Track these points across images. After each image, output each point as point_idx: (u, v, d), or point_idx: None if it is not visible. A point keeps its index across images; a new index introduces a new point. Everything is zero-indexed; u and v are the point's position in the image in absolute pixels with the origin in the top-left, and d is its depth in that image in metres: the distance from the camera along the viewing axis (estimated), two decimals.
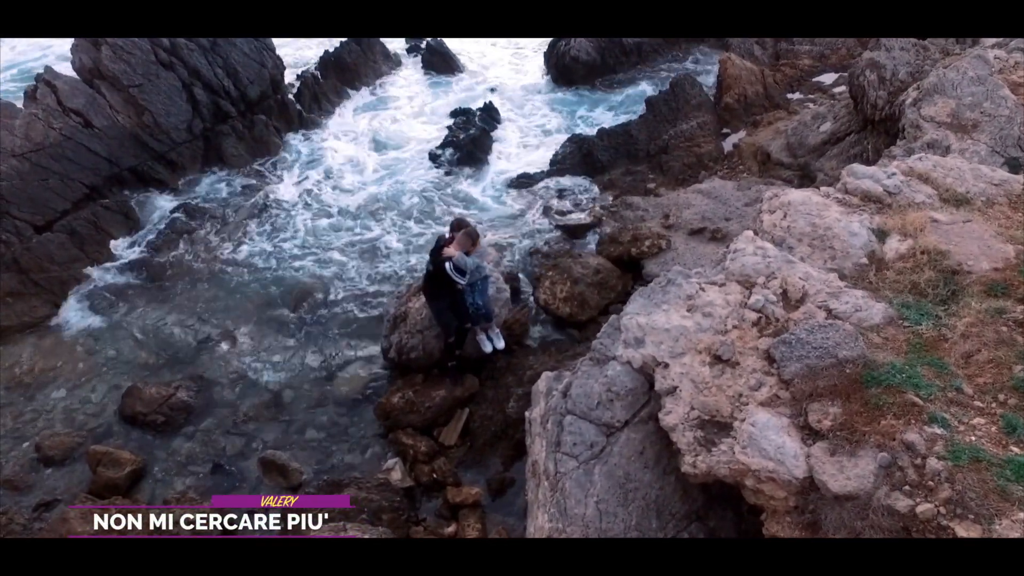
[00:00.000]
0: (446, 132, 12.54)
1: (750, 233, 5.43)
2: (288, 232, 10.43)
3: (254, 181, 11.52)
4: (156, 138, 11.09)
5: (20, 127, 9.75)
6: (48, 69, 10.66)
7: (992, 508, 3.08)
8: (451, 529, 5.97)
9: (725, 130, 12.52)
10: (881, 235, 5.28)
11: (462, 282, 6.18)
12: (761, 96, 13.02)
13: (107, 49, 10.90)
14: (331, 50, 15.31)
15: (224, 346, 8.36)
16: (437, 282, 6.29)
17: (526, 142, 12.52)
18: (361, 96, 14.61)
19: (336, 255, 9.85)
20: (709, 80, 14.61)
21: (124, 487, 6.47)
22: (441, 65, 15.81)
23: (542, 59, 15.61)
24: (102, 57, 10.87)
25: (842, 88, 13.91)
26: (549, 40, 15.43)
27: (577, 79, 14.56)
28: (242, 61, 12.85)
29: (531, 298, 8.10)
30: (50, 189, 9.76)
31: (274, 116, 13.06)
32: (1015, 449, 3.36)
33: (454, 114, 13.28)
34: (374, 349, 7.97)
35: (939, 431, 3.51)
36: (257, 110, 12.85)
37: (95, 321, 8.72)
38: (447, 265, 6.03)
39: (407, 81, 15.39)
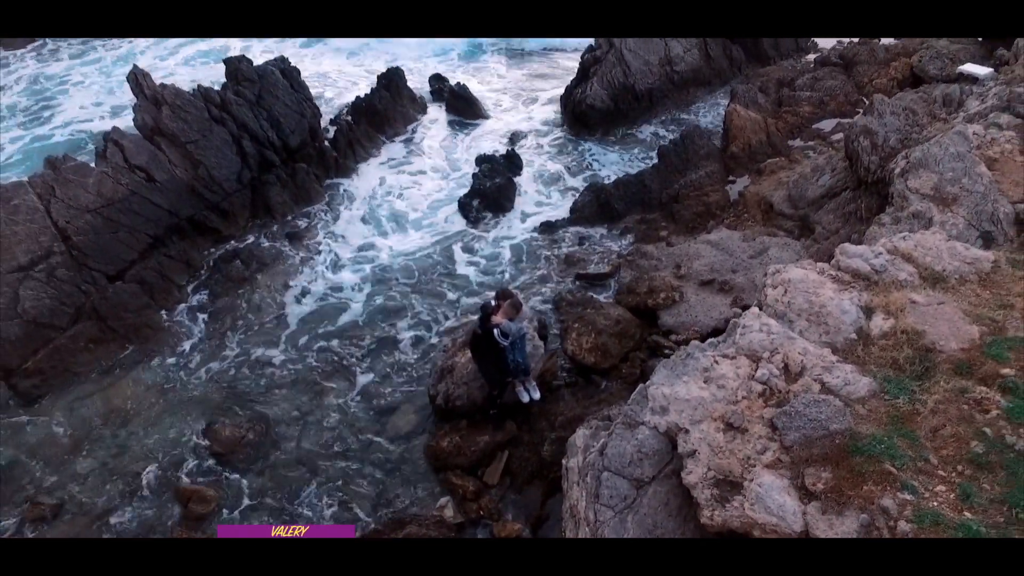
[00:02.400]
0: (472, 180, 13.48)
1: (756, 310, 6.29)
2: (334, 281, 11.34)
3: (300, 230, 12.46)
4: (210, 189, 12.06)
5: (93, 184, 10.72)
6: (115, 129, 11.66)
7: None
8: None
9: (731, 178, 13.41)
10: (868, 312, 6.13)
11: (506, 344, 7.08)
12: (764, 144, 13.90)
13: (167, 109, 11.91)
14: (362, 96, 16.34)
15: (283, 388, 9.26)
16: (484, 343, 7.19)
17: (547, 190, 13.43)
18: (393, 144, 15.56)
19: (379, 304, 10.75)
20: (717, 118, 15.53)
21: (208, 519, 7.38)
22: (464, 109, 16.76)
23: (557, 106, 16.57)
24: (162, 116, 11.87)
25: (839, 136, 14.80)
26: (564, 88, 16.41)
27: (592, 125, 15.47)
28: (284, 112, 13.84)
29: (559, 348, 8.99)
30: (120, 241, 10.72)
31: (313, 164, 14.01)
32: (968, 514, 4.20)
33: (479, 161, 14.20)
34: (420, 392, 8.86)
35: (908, 497, 4.35)
36: (298, 158, 13.81)
37: (166, 363, 9.64)
38: (495, 331, 6.93)
39: (433, 126, 16.34)
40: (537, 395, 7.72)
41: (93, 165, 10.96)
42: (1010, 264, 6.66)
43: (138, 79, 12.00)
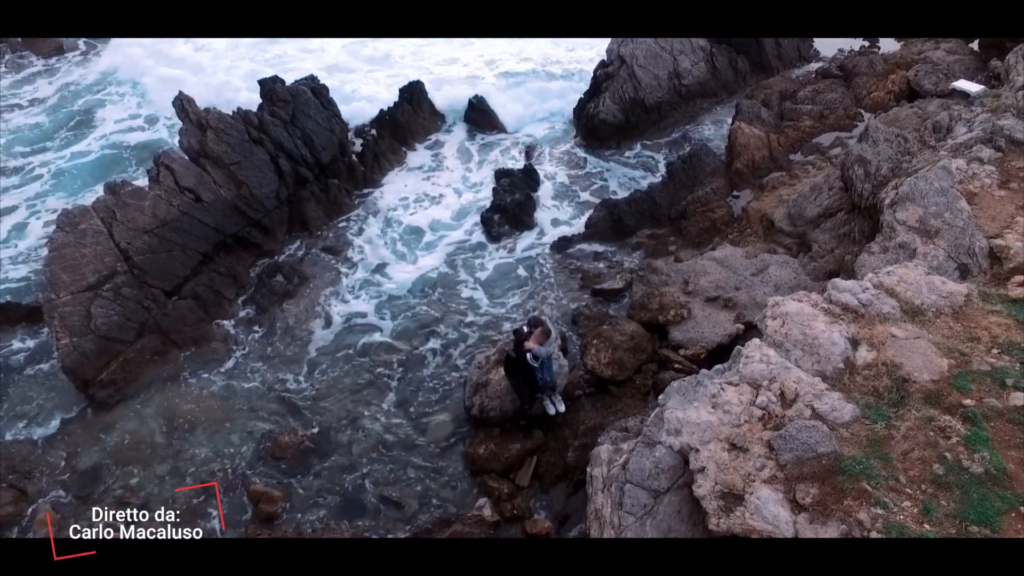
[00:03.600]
0: (493, 194, 14.28)
1: (757, 341, 7.17)
2: (369, 294, 12.23)
3: (334, 244, 13.33)
4: (252, 207, 12.90)
5: (148, 207, 11.58)
6: (165, 153, 12.49)
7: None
8: None
9: (735, 193, 14.19)
10: (855, 344, 7.00)
11: (536, 365, 8.00)
12: (767, 160, 14.66)
13: (211, 133, 12.71)
14: (385, 109, 17.07)
15: (329, 397, 10.21)
16: (517, 364, 8.11)
17: (563, 205, 14.23)
18: (416, 155, 16.35)
19: (410, 319, 11.63)
20: (723, 130, 16.22)
21: (277, 517, 8.39)
22: (482, 122, 17.49)
23: (570, 117, 17.28)
24: (207, 140, 12.69)
25: (837, 151, 15.55)
26: (576, 103, 17.12)
27: (604, 138, 16.21)
28: (315, 130, 14.61)
29: (580, 362, 9.91)
30: (174, 259, 11.61)
31: (343, 178, 14.82)
32: (927, 526, 5.12)
33: (499, 175, 14.98)
34: (456, 400, 9.80)
35: (880, 511, 5.28)
36: (329, 173, 14.62)
37: (223, 373, 10.59)
38: (528, 356, 7.85)
39: (453, 138, 17.09)
40: (562, 408, 8.67)
41: (147, 188, 11.82)
42: (981, 297, 7.52)
43: (183, 104, 12.80)
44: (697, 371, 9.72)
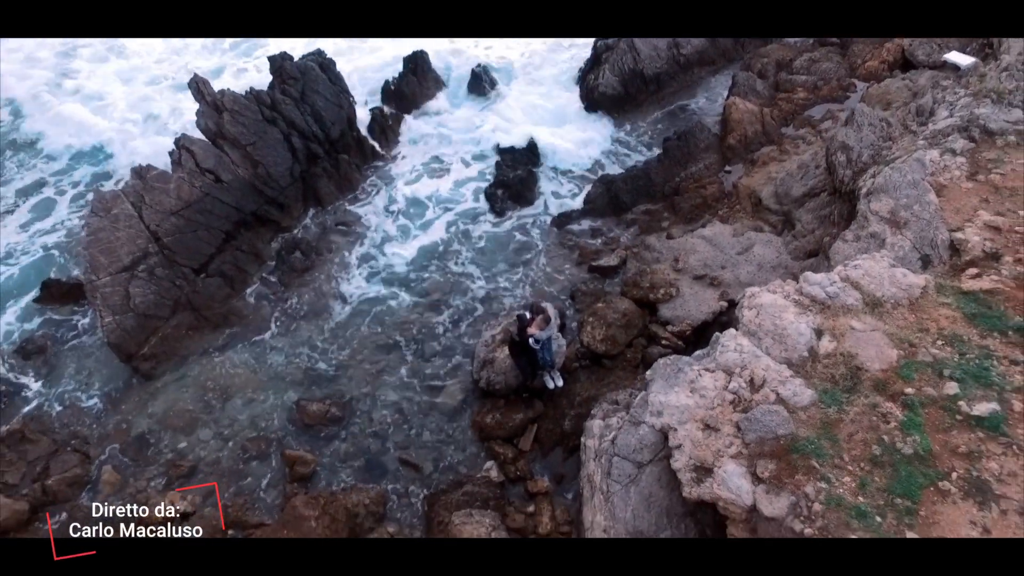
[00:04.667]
0: (496, 169, 14.79)
1: (733, 331, 7.99)
2: (381, 268, 12.98)
3: (346, 218, 13.98)
4: (268, 185, 13.47)
5: (173, 189, 12.19)
6: (185, 136, 12.97)
7: (843, 533, 5.87)
8: (531, 508, 8.95)
9: (727, 168, 14.68)
10: (819, 334, 7.82)
11: (537, 347, 8.87)
12: (759, 134, 15.06)
13: (227, 115, 13.14)
14: (390, 80, 17.29)
15: (349, 368, 11.15)
16: (520, 346, 8.99)
17: (563, 180, 14.74)
18: (422, 125, 16.71)
19: (419, 291, 12.44)
20: (717, 106, 16.54)
21: (310, 479, 9.49)
22: (485, 90, 17.71)
23: (573, 83, 17.53)
24: (224, 121, 13.13)
25: (828, 123, 15.93)
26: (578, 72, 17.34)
27: (605, 109, 16.51)
28: (324, 106, 14.95)
29: (576, 338, 10.79)
30: (199, 239, 12.31)
31: (352, 152, 15.27)
32: (861, 499, 6.10)
33: (501, 152, 15.42)
34: (464, 372, 10.74)
35: (823, 486, 6.24)
36: (339, 148, 15.06)
37: (252, 346, 11.50)
38: (530, 340, 8.71)
39: (457, 109, 17.39)
40: (560, 383, 9.61)
41: (170, 171, 12.39)
42: (936, 289, 8.27)
43: (199, 87, 13.16)
44: (683, 347, 10.69)
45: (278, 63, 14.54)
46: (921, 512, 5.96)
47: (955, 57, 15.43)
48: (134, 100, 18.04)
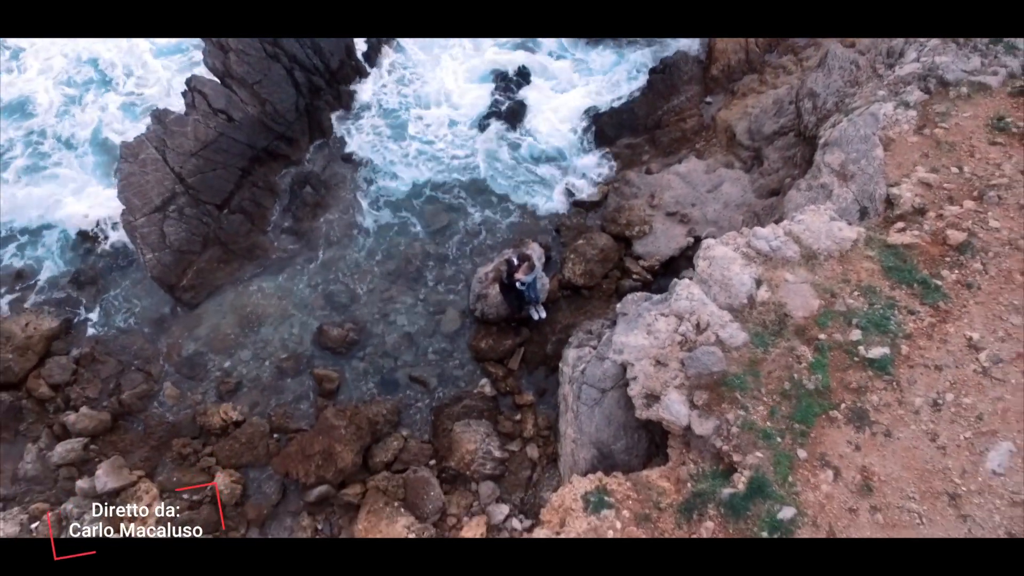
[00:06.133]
0: (490, 98, 15.13)
1: (687, 280, 9.20)
2: (386, 196, 13.86)
3: (350, 149, 14.59)
4: (276, 122, 13.96)
5: (191, 132, 12.79)
6: (195, 77, 13.29)
7: (751, 450, 7.51)
8: (518, 417, 10.72)
9: (708, 99, 15.01)
10: (759, 284, 9.05)
11: (523, 288, 10.16)
12: (743, 63, 15.21)
13: (233, 55, 13.36)
14: None
15: (363, 295, 12.48)
16: (510, 287, 10.27)
17: (555, 108, 15.10)
18: (418, 48, 16.68)
19: (424, 218, 13.44)
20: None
21: (336, 393, 11.18)
22: None
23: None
24: (230, 61, 13.38)
25: (810, 50, 15.96)
26: None
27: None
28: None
29: (558, 272, 12.01)
30: (219, 177, 13.09)
31: (352, 80, 15.52)
32: (768, 424, 7.68)
33: (495, 74, 15.58)
34: (462, 299, 12.09)
35: (742, 413, 7.77)
36: (339, 77, 15.29)
37: (277, 277, 12.74)
38: (517, 284, 9.98)
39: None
40: (543, 314, 11.00)
41: (184, 114, 12.93)
42: (865, 242, 9.32)
43: None
44: (651, 280, 11.97)
45: None
46: (812, 435, 7.52)
47: None
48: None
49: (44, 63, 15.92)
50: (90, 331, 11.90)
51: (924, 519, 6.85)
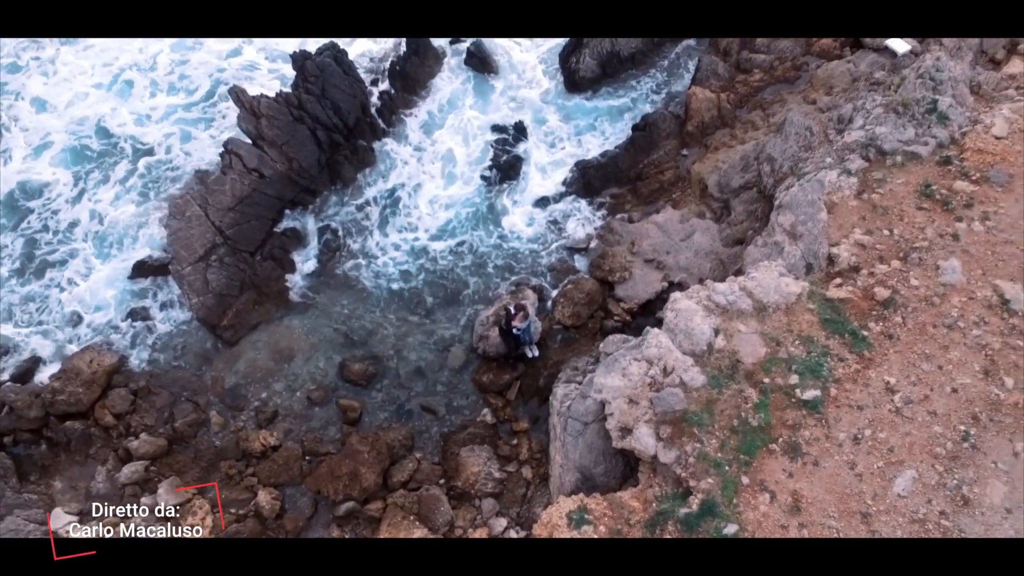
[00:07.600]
0: (490, 150, 16.62)
1: (657, 330, 10.66)
2: (399, 245, 15.36)
3: (365, 199, 16.11)
4: (301, 176, 15.47)
5: (228, 190, 14.31)
6: (232, 140, 14.84)
7: (704, 476, 8.99)
8: (515, 442, 12.20)
9: (684, 151, 16.51)
10: (716, 333, 10.49)
11: (519, 333, 11.69)
12: (716, 119, 16.66)
13: (264, 120, 14.91)
14: (395, 61, 18.47)
15: (378, 333, 13.97)
16: (507, 331, 11.79)
17: (549, 159, 16.54)
18: (425, 104, 18.19)
19: (433, 266, 14.94)
20: (684, 80, 17.91)
21: (358, 420, 12.69)
22: (481, 66, 18.88)
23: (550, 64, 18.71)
24: (262, 125, 14.92)
25: (776, 106, 17.45)
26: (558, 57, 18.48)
27: (583, 88, 17.93)
28: (341, 97, 16.44)
29: (551, 313, 13.51)
30: (253, 228, 14.59)
31: (367, 136, 17.01)
32: (719, 455, 9.16)
33: (495, 129, 17.12)
34: (465, 340, 13.58)
35: (698, 445, 9.21)
36: (355, 133, 16.78)
37: (304, 318, 14.24)
38: (514, 330, 11.50)
39: (455, 85, 18.70)
40: (537, 353, 12.50)
41: (222, 173, 14.49)
42: (808, 296, 10.72)
43: (239, 95, 14.79)
44: (630, 320, 13.46)
45: (300, 61, 15.91)
46: (754, 464, 8.94)
47: (894, 43, 16.59)
48: None
49: None
50: (144, 366, 13.42)
51: (841, 534, 8.29)
